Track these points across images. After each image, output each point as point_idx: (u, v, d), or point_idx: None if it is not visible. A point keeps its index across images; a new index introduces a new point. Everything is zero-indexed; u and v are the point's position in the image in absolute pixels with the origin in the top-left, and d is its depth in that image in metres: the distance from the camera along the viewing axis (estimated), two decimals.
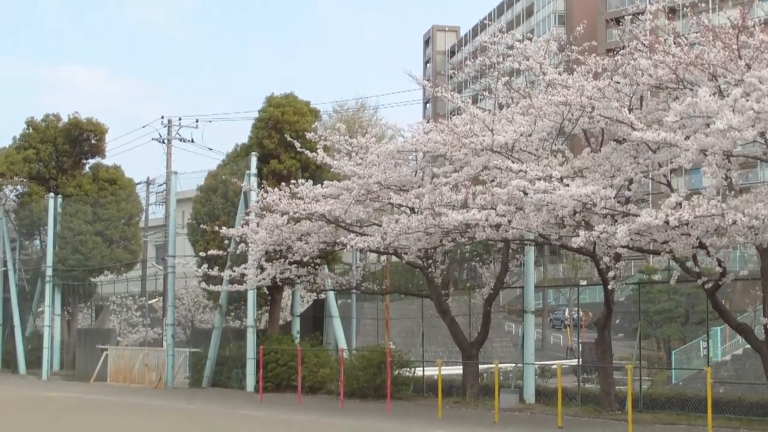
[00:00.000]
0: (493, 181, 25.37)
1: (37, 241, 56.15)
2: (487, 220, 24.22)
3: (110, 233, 50.74)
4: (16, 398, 35.85)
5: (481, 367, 33.46)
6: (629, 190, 24.46)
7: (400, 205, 28.67)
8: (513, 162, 24.08)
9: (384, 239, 27.95)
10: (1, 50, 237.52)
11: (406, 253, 30.52)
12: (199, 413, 29.62)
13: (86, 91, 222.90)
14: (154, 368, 42.70)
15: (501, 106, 27.82)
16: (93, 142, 54.19)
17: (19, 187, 53.88)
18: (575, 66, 26.43)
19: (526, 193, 22.80)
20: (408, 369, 33.83)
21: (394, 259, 36.01)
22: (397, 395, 31.83)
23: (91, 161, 54.96)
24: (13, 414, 29.56)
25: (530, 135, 25.73)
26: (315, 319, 42.75)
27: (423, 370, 34.84)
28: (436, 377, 29.93)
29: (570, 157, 25.58)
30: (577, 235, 22.13)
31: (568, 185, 22.41)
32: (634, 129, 22.18)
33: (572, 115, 24.73)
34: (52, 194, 51.02)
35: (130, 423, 27.14)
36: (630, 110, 23.71)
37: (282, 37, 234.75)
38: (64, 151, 53.65)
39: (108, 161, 55.40)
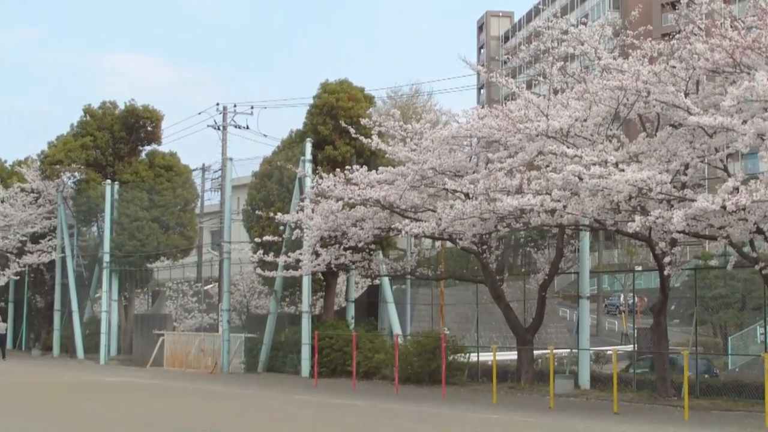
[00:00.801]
0: (548, 166, 25.32)
1: (95, 228, 56.69)
2: (542, 205, 24.19)
3: (166, 219, 51.15)
4: (75, 383, 36.27)
5: (535, 352, 33.45)
6: (685, 174, 24.31)
7: (455, 191, 28.67)
8: (568, 147, 24.03)
9: (439, 225, 27.95)
10: (59, 37, 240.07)
11: (460, 239, 30.55)
12: (255, 398, 29.83)
13: (142, 79, 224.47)
14: (209, 353, 43.05)
15: (556, 92, 27.71)
16: (149, 129, 54.53)
17: (76, 174, 54.35)
18: (630, 50, 26.24)
19: (581, 179, 22.74)
20: (463, 354, 33.88)
21: (448, 244, 36.00)
22: (452, 381, 31.83)
23: (148, 148, 55.39)
24: (72, 399, 29.92)
25: (585, 120, 25.62)
26: (370, 304, 42.89)
27: (478, 356, 34.91)
28: (490, 363, 29.96)
29: (625, 142, 25.45)
30: (633, 221, 22.08)
31: (623, 170, 22.33)
32: (691, 113, 22.06)
33: (627, 99, 24.64)
34: (109, 181, 51.54)
35: (188, 407, 27.37)
36: (686, 95, 23.55)
37: (335, 24, 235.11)
38: (121, 138, 54.07)
39: (164, 148, 55.88)
